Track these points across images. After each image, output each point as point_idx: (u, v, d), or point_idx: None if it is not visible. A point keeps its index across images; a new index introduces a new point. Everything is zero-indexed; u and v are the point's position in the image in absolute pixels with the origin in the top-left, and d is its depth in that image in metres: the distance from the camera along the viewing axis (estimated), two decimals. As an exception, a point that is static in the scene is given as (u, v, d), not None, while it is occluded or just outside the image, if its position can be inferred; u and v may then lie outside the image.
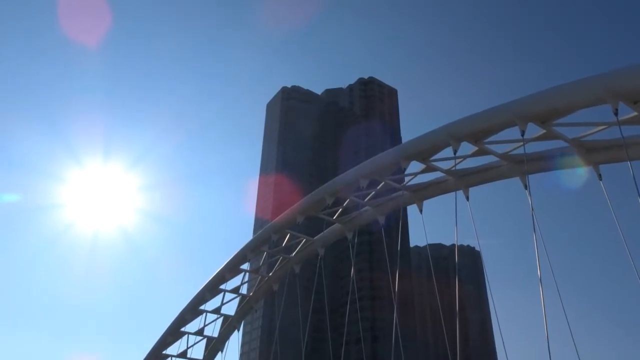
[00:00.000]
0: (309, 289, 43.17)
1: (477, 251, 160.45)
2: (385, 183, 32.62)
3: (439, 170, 29.51)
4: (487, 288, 39.75)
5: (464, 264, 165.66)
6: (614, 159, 22.48)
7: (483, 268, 50.39)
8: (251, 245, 48.50)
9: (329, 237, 43.18)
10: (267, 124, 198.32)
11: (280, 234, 44.47)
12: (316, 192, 38.23)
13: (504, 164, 26.96)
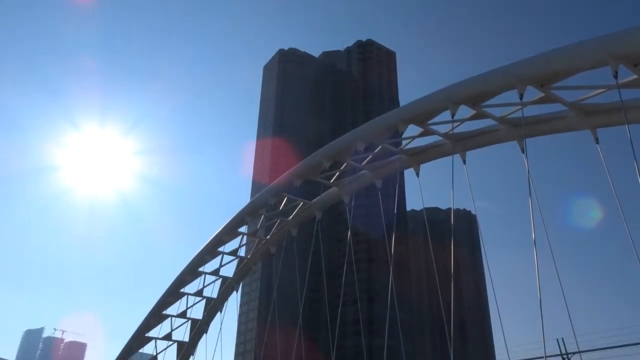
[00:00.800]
0: (307, 252, 43.72)
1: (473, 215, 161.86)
2: (383, 147, 32.57)
3: (436, 134, 29.42)
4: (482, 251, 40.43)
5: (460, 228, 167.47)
6: (612, 122, 22.43)
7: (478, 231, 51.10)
8: (249, 208, 48.83)
9: (326, 201, 43.43)
10: (264, 86, 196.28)
11: (278, 197, 44.68)
12: (313, 155, 38.21)
13: (502, 128, 26.87)
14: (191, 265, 57.14)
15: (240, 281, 60.86)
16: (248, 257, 57.88)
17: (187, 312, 62.11)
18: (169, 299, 60.56)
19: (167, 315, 62.03)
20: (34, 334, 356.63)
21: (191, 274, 57.90)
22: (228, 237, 52.40)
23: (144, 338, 63.37)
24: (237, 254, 57.18)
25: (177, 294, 60.20)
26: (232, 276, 59.45)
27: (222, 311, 60.58)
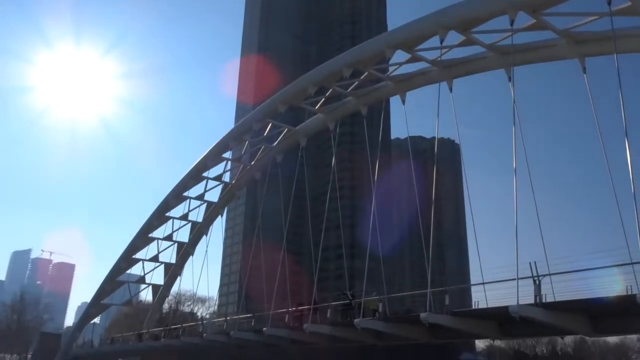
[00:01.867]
0: (291, 178, 43.96)
1: (457, 144, 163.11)
2: (369, 73, 32.00)
3: (423, 60, 28.89)
4: (463, 179, 41.04)
5: (443, 157, 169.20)
6: (601, 51, 22.15)
7: (461, 160, 51.79)
8: (233, 133, 48.44)
9: (311, 127, 43.18)
10: (247, 3, 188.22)
11: (262, 123, 44.26)
12: (299, 80, 37.48)
13: (490, 55, 26.46)
14: (176, 189, 57.42)
15: (225, 206, 61.63)
16: (232, 183, 58.23)
17: (173, 236, 63.26)
18: (155, 222, 61.37)
19: (154, 238, 63.12)
20: (22, 255, 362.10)
21: (176, 198, 58.34)
22: (212, 162, 52.35)
23: (132, 259, 64.82)
24: (222, 180, 57.41)
25: (162, 218, 60.96)
26: (216, 201, 60.09)
27: (207, 235, 61.73)
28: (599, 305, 16.53)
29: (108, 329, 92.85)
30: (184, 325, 46.72)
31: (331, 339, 29.14)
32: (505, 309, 17.91)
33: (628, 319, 17.10)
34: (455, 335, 24.13)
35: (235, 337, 34.47)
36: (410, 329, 24.12)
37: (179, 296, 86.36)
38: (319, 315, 29.20)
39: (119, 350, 63.79)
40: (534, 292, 17.37)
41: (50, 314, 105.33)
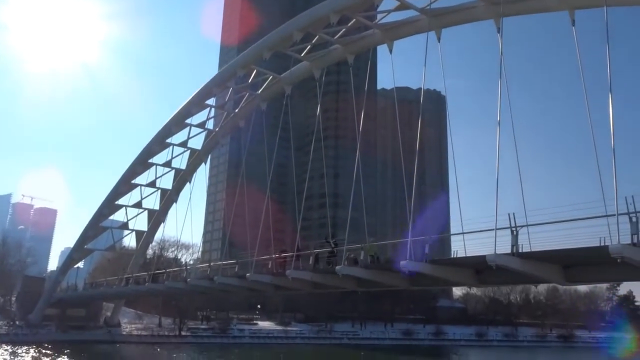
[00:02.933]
0: (275, 127, 43.66)
1: (443, 96, 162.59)
2: (357, 20, 31.28)
3: (412, 8, 28.28)
4: (448, 131, 41.18)
5: (428, 108, 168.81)
6: (592, 4, 21.88)
7: (446, 112, 51.64)
8: (216, 80, 47.48)
9: (296, 75, 42.45)
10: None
11: (247, 69, 43.36)
12: (284, 26, 36.50)
13: (480, 5, 25.99)
14: (159, 136, 56.71)
15: (208, 153, 61.24)
16: (216, 130, 57.64)
17: (156, 182, 63.04)
18: (138, 168, 60.91)
19: (137, 184, 62.87)
20: (2, 200, 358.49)
21: (159, 145, 57.74)
22: (196, 108, 51.54)
23: (114, 205, 64.72)
24: (205, 127, 56.78)
25: (145, 164, 60.49)
26: (200, 148, 59.64)
27: (191, 182, 61.66)
28: (573, 255, 17.13)
29: (92, 273, 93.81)
30: (168, 270, 47.31)
31: (313, 285, 29.90)
32: (482, 257, 18.48)
33: (599, 268, 17.81)
34: (434, 282, 24.93)
35: (219, 282, 35.13)
36: (391, 276, 24.80)
37: (162, 242, 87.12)
38: (302, 263, 29.76)
39: (103, 293, 64.73)
40: (511, 242, 17.89)
41: (33, 258, 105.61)
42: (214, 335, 77.84)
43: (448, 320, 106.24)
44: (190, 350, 63.00)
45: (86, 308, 74.19)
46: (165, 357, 55.36)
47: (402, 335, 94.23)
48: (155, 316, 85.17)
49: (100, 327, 72.18)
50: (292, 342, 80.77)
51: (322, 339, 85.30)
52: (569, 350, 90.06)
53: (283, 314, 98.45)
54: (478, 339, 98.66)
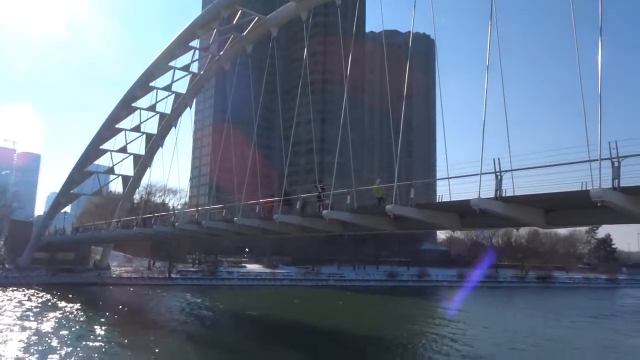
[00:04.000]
0: (262, 70, 42.77)
1: (432, 40, 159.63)
2: (346, -43, 30.09)
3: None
4: (436, 75, 40.66)
5: (418, 52, 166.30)
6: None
7: (436, 56, 50.91)
8: (200, 21, 45.94)
9: (282, 16, 41.25)
10: None
11: (231, 10, 41.98)
12: (270, -37, 35.05)
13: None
14: (142, 79, 55.37)
15: (193, 97, 60.21)
16: (201, 74, 56.42)
17: (141, 127, 62.20)
18: (122, 112, 59.86)
19: (121, 128, 62.00)
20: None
21: (142, 89, 56.51)
22: (179, 51, 50.17)
23: (99, 150, 64.00)
24: (190, 70, 55.48)
25: (129, 108, 59.42)
26: (185, 92, 58.54)
27: (176, 126, 60.98)
28: (555, 199, 17.49)
29: (79, 218, 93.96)
30: (155, 215, 47.55)
31: (301, 229, 30.37)
32: (467, 202, 18.79)
33: (580, 212, 18.25)
34: (419, 226, 25.42)
35: (207, 226, 35.49)
36: (377, 220, 25.22)
37: (149, 187, 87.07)
38: (289, 207, 30.05)
39: (91, 237, 65.16)
40: (495, 186, 18.16)
41: (19, 202, 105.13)
42: (203, 277, 79.45)
43: (431, 262, 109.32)
44: (180, 291, 64.43)
45: (75, 251, 74.81)
46: (155, 298, 56.59)
47: (387, 277, 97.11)
48: (145, 259, 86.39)
49: (89, 270, 73.15)
50: (280, 284, 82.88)
51: (308, 281, 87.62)
52: (546, 290, 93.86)
53: (271, 257, 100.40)
54: (460, 279, 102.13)
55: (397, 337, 35.25)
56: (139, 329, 33.68)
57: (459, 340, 33.51)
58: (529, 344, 32.76)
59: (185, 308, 48.66)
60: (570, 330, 40.93)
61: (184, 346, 28.76)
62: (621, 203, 14.75)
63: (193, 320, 40.42)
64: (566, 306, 62.95)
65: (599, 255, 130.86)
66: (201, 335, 33.29)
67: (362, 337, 34.79)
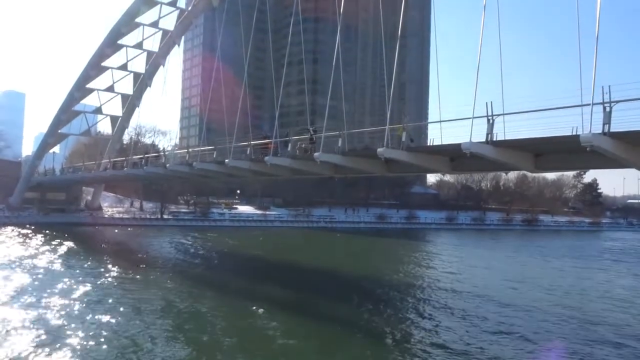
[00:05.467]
0: (252, 7, 41.32)
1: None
2: None
3: None
4: (431, 15, 39.56)
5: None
6: None
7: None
8: (187, -47, 43.83)
9: (273, -51, 39.39)
10: None
11: (220, -59, 40.00)
12: None
13: None
14: (127, 14, 53.49)
15: (181, 35, 58.48)
16: (189, 9, 54.50)
17: (128, 65, 60.68)
18: (107, 50, 58.21)
19: (107, 67, 60.47)
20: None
21: (128, 25, 54.70)
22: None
23: (86, 89, 62.69)
24: (177, 5, 53.57)
25: (115, 46, 57.72)
26: (172, 29, 56.73)
27: (164, 65, 59.56)
28: (545, 143, 17.53)
29: (68, 158, 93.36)
30: (146, 156, 47.30)
31: (292, 172, 30.44)
32: (457, 145, 18.79)
33: (569, 157, 18.36)
34: (409, 169, 25.56)
35: (198, 167, 35.46)
36: (368, 163, 25.28)
37: (139, 128, 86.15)
38: (280, 149, 29.95)
39: (82, 178, 65.03)
40: (487, 130, 18.11)
41: (5, 142, 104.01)
42: (195, 218, 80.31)
43: (421, 205, 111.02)
44: (172, 232, 65.28)
45: (66, 192, 74.86)
46: (149, 238, 57.35)
47: (377, 219, 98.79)
48: (137, 200, 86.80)
49: (81, 211, 73.54)
50: (271, 225, 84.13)
51: (300, 222, 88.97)
52: (531, 233, 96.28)
53: (262, 199, 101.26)
54: (448, 222, 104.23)
55: (379, 275, 36.30)
56: (137, 266, 34.40)
57: (438, 278, 34.71)
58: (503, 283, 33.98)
59: (179, 248, 49.51)
60: (544, 270, 42.44)
61: (181, 283, 29.49)
62: (610, 148, 14.84)
63: (187, 259, 41.25)
64: (547, 248, 64.81)
65: (585, 200, 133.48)
66: (194, 273, 34.08)
67: (347, 275, 35.84)
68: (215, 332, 19.35)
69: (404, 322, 22.54)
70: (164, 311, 22.14)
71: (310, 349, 18.26)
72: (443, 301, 27.04)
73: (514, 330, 20.95)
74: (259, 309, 22.57)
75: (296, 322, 21.63)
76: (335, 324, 21.37)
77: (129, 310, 21.92)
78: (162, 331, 18.98)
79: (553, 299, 28.77)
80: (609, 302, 28.67)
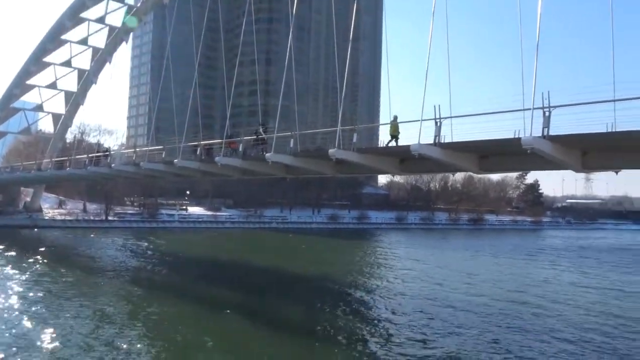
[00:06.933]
0: (203, 6, 40.63)
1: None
2: None
3: None
4: (383, 19, 40.27)
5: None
6: None
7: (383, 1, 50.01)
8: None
9: (225, -53, 38.95)
10: None
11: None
12: None
13: None
14: (72, 8, 51.49)
15: (129, 32, 56.85)
16: (137, 6, 53.05)
17: (72, 61, 58.40)
18: (49, 45, 55.83)
19: (49, 62, 57.96)
20: None
21: (72, 19, 52.67)
22: (112, -21, 46.77)
23: (26, 85, 59.82)
24: (125, 2, 52.08)
25: (58, 41, 55.44)
26: (120, 25, 55.09)
27: (111, 62, 57.72)
28: (489, 146, 18.20)
29: (6, 157, 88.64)
30: (90, 155, 45.53)
31: (243, 172, 30.16)
32: (407, 147, 19.21)
33: (512, 159, 19.14)
34: (360, 170, 25.90)
35: (145, 167, 34.52)
36: (319, 164, 25.41)
37: (83, 126, 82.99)
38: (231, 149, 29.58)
39: (20, 178, 61.93)
40: (435, 132, 18.60)
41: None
42: (142, 220, 78.13)
43: (372, 205, 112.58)
44: (118, 234, 63.22)
45: (3, 193, 71.11)
46: (92, 241, 55.31)
47: (328, 219, 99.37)
48: (80, 202, 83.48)
49: (19, 212, 70.02)
50: (222, 226, 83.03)
51: (251, 223, 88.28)
52: (477, 232, 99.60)
53: (213, 199, 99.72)
54: (398, 222, 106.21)
55: (328, 274, 36.55)
56: (79, 272, 33.06)
57: (384, 275, 35.37)
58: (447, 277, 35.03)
59: (124, 251, 47.99)
60: (490, 267, 44.08)
61: (126, 287, 28.57)
62: (549, 150, 15.56)
63: (132, 262, 40.03)
64: (491, 246, 67.26)
65: (527, 200, 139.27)
66: (140, 277, 33.11)
67: (295, 275, 35.90)
68: (160, 336, 18.89)
69: (362, 321, 22.79)
70: (106, 317, 21.41)
71: (256, 346, 18.15)
72: (388, 298, 27.56)
73: (466, 325, 21.61)
74: (205, 311, 22.23)
75: (241, 323, 21.44)
76: (282, 323, 21.34)
77: (68, 317, 21.05)
78: (101, 338, 18.32)
79: (492, 292, 29.89)
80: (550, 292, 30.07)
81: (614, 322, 23.81)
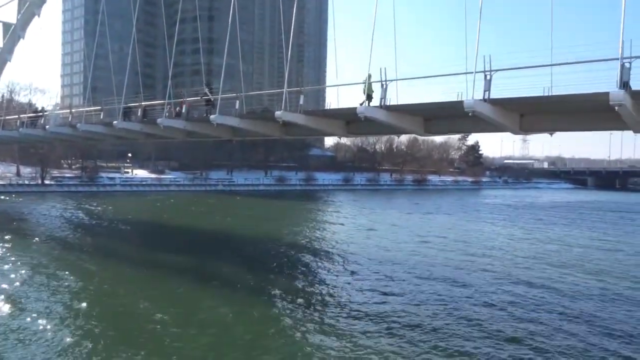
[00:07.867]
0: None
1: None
2: None
3: None
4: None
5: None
6: None
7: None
8: None
9: None
10: None
11: None
12: None
13: None
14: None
15: (59, -17, 52.82)
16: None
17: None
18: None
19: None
20: None
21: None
22: None
23: (-56, 39, 54.86)
24: (53, -51, 48.04)
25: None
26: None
27: (39, 15, 53.67)
28: (433, 108, 18.57)
29: None
30: (22, 116, 42.87)
31: (187, 134, 29.38)
32: (353, 109, 19.27)
33: (454, 121, 19.63)
34: (307, 132, 25.85)
35: (83, 130, 32.97)
36: (266, 126, 25.12)
37: (12, 85, 77.71)
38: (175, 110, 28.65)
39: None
40: (380, 95, 18.72)
41: None
42: (81, 184, 75.20)
43: (319, 167, 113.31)
44: (55, 199, 60.61)
45: None
46: (28, 206, 52.77)
47: (276, 181, 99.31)
48: (12, 165, 79.06)
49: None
50: (167, 189, 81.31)
51: (197, 186, 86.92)
52: (420, 192, 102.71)
53: (156, 162, 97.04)
54: (344, 183, 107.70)
55: (275, 236, 36.82)
56: (15, 240, 31.54)
57: (330, 236, 36.12)
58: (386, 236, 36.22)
59: (62, 216, 46.16)
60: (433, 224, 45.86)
61: (66, 256, 27.59)
62: (489, 113, 16.05)
63: (73, 230, 38.59)
64: (436, 205, 69.70)
65: (468, 160, 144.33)
66: (79, 243, 32.03)
67: (242, 237, 35.91)
68: (99, 302, 18.52)
69: (310, 281, 23.18)
70: (46, 286, 20.70)
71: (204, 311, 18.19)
72: (335, 256, 28.19)
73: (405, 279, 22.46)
74: (150, 276, 21.92)
75: (187, 286, 21.34)
76: (228, 286, 21.42)
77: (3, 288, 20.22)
78: (34, 308, 17.74)
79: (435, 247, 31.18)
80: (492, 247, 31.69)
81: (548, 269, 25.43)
